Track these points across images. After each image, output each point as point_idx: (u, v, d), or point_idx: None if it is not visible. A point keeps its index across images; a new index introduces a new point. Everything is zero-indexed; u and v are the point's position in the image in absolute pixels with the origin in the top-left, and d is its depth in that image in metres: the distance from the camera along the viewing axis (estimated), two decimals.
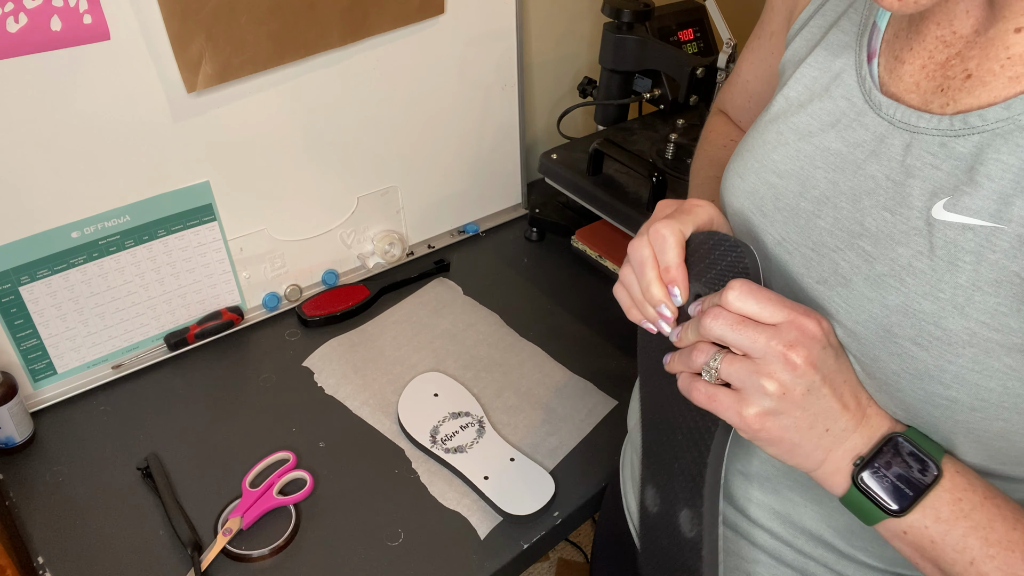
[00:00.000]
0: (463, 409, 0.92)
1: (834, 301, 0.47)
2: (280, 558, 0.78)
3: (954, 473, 0.44)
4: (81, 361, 0.94)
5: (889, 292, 0.44)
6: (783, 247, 0.51)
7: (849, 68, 0.51)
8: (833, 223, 0.48)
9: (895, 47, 0.49)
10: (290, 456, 0.86)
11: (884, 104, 0.48)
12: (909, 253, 0.44)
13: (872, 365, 0.46)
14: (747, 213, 0.54)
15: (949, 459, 0.45)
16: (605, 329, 1.08)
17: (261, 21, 0.86)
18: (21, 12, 0.72)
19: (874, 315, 0.45)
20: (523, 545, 0.80)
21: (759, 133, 0.55)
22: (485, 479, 0.83)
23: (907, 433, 0.46)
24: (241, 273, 1.03)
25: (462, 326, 1.07)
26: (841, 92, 0.51)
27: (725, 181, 0.57)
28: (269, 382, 0.97)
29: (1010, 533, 0.43)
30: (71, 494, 0.83)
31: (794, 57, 0.56)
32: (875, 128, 0.48)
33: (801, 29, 0.57)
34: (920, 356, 0.43)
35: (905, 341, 0.44)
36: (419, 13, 1.00)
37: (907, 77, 0.48)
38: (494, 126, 1.20)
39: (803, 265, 0.50)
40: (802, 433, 0.45)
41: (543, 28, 1.28)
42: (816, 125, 0.51)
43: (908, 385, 0.44)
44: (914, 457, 0.45)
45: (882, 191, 0.46)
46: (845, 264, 0.47)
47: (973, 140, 0.43)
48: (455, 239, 1.24)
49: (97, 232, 0.88)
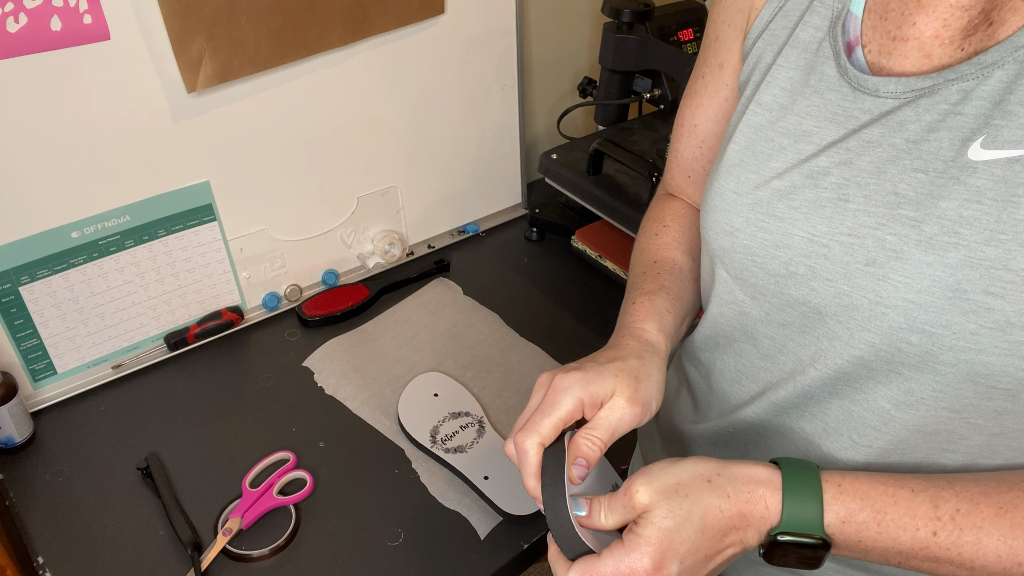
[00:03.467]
0: (463, 409, 0.92)
1: (890, 279, 0.44)
2: (280, 558, 0.78)
3: (841, 526, 0.45)
4: (81, 361, 0.94)
5: (947, 250, 0.42)
6: (817, 242, 0.48)
7: (827, 60, 0.50)
8: (864, 202, 0.46)
9: (887, 29, 0.48)
10: (290, 456, 0.86)
11: (884, 84, 0.47)
12: (956, 204, 0.42)
13: (945, 333, 0.43)
14: (759, 223, 0.51)
15: (831, 508, 0.45)
16: (605, 329, 1.08)
17: (261, 21, 0.86)
18: (21, 12, 0.72)
19: (937, 279, 0.42)
20: (523, 545, 0.80)
21: (744, 147, 0.53)
22: (485, 479, 0.83)
23: (784, 521, 0.45)
24: (241, 273, 1.03)
25: (462, 326, 1.07)
26: (826, 85, 0.50)
27: (715, 201, 0.54)
28: (269, 382, 0.97)
29: (915, 534, 0.44)
30: (71, 494, 0.83)
31: (760, 63, 0.54)
32: (876, 108, 0.47)
33: (762, 34, 0.55)
34: (997, 306, 0.41)
35: (978, 294, 0.41)
36: (419, 13, 1.00)
37: (913, 53, 0.47)
38: (494, 126, 1.20)
39: (846, 253, 0.47)
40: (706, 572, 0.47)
41: (543, 28, 1.28)
42: (810, 123, 0.50)
43: (989, 342, 0.42)
44: (799, 545, 0.45)
45: (905, 155, 0.45)
46: (891, 237, 0.44)
47: (995, 76, 0.42)
48: (455, 239, 1.24)
49: (97, 232, 0.88)
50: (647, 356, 0.54)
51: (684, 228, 0.68)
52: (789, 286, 0.50)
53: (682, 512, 0.45)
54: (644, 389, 0.52)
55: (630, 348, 0.55)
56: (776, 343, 0.54)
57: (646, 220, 0.71)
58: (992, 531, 0.43)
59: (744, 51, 0.57)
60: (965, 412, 0.46)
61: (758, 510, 0.46)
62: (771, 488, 0.46)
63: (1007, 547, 0.43)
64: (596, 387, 0.51)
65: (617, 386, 0.51)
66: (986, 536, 0.43)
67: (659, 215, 0.70)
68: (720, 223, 0.53)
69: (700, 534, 0.45)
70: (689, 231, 0.68)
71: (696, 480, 0.47)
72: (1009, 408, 0.44)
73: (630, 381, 0.51)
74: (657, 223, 0.69)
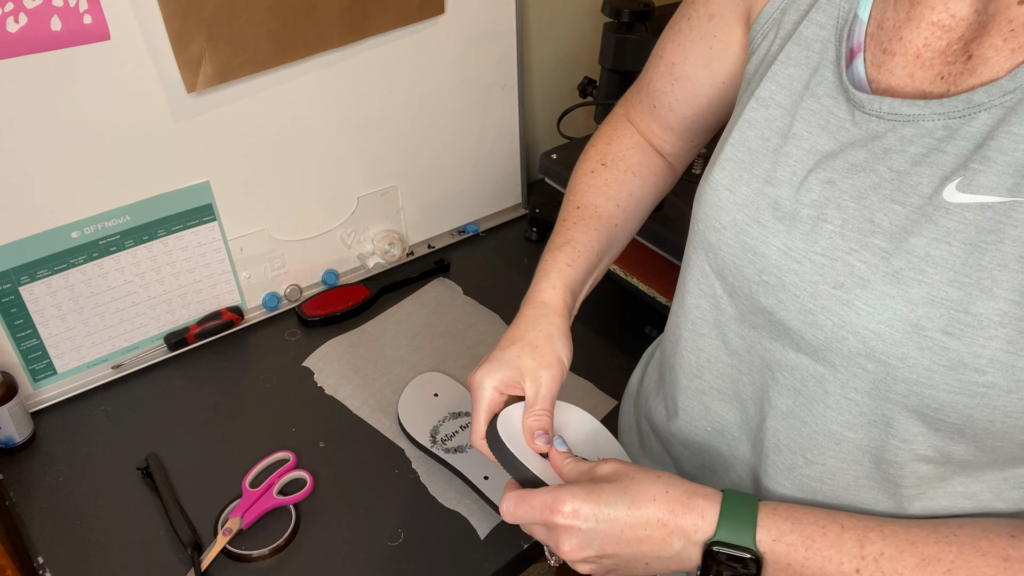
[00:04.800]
0: (463, 409, 0.92)
1: (854, 304, 0.45)
2: (280, 558, 0.78)
3: (772, 544, 0.48)
4: (81, 361, 0.94)
5: (911, 286, 0.43)
6: (791, 256, 0.49)
7: (828, 64, 0.49)
8: (841, 225, 0.46)
9: (880, 39, 0.48)
10: (290, 456, 0.86)
11: (871, 102, 0.46)
12: (925, 242, 0.43)
13: (901, 365, 0.44)
14: (743, 225, 0.52)
15: (764, 528, 0.48)
16: (605, 329, 1.08)
17: (261, 21, 0.86)
18: (21, 12, 0.72)
19: (899, 312, 0.43)
20: (523, 545, 0.80)
21: (739, 142, 0.53)
22: (485, 479, 0.83)
23: (719, 531, 0.48)
24: (241, 273, 1.03)
25: (462, 326, 1.07)
26: (824, 91, 0.49)
27: (708, 195, 0.54)
28: (269, 382, 0.97)
29: (839, 567, 0.46)
30: (71, 494, 0.83)
31: (767, 55, 0.54)
32: (867, 126, 0.47)
33: (768, 26, 0.54)
34: (952, 346, 0.42)
35: (935, 332, 0.42)
36: (419, 13, 1.00)
37: (899, 69, 0.46)
38: (494, 126, 1.20)
39: (816, 272, 0.47)
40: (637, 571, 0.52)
41: (543, 28, 1.28)
42: (803, 128, 0.49)
43: (942, 379, 0.42)
44: (732, 559, 0.48)
45: (887, 184, 0.45)
46: (861, 264, 0.45)
47: (980, 118, 0.42)
48: (455, 239, 1.24)
49: (97, 232, 0.88)
50: (541, 321, 0.61)
51: (620, 173, 0.70)
52: (760, 293, 0.51)
53: (621, 488, 0.50)
54: (548, 353, 0.59)
55: (526, 320, 0.62)
56: (745, 343, 0.54)
57: (594, 142, 0.74)
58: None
59: (750, 41, 0.57)
60: (914, 443, 0.46)
61: (693, 516, 0.49)
62: (710, 501, 0.50)
63: None
64: (503, 373, 0.59)
65: (522, 364, 0.59)
66: None
67: (604, 147, 0.73)
68: (710, 217, 0.54)
69: (628, 507, 0.49)
70: (623, 176, 0.70)
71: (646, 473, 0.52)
72: (953, 444, 0.45)
73: (532, 353, 0.59)
74: (598, 157, 0.72)
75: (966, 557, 0.44)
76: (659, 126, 0.71)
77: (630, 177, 0.70)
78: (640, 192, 0.71)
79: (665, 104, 0.69)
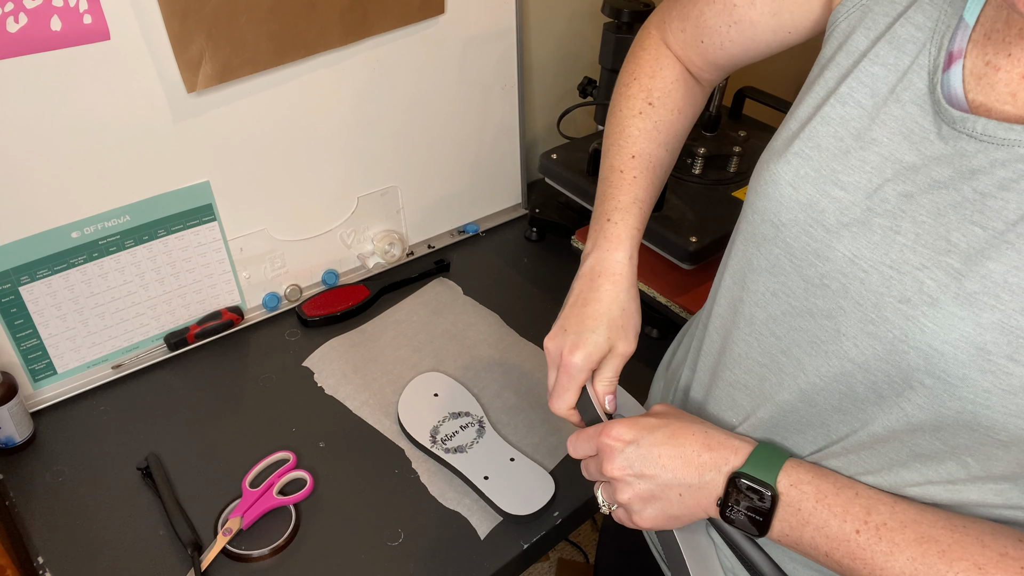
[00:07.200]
0: (463, 409, 0.92)
1: (919, 321, 0.44)
2: (280, 558, 0.78)
3: (788, 488, 0.51)
4: (81, 361, 0.94)
5: (984, 310, 0.42)
6: (858, 264, 0.47)
7: (920, 70, 0.47)
8: (914, 239, 0.45)
9: (987, 50, 0.45)
10: (290, 456, 0.86)
11: (964, 121, 0.44)
12: (1004, 269, 0.41)
13: (960, 385, 0.43)
14: (805, 226, 0.50)
15: (786, 473, 0.51)
16: None
17: (261, 21, 0.86)
18: (21, 12, 0.72)
19: (966, 334, 0.42)
20: (523, 545, 0.80)
21: (810, 139, 0.51)
22: (485, 479, 0.83)
23: (745, 466, 0.52)
24: (241, 273, 1.03)
25: (462, 326, 1.07)
26: (910, 97, 0.47)
27: (766, 187, 0.52)
28: (269, 382, 0.97)
29: (841, 525, 0.49)
30: (71, 494, 0.83)
31: (849, 45, 0.51)
32: (956, 143, 0.45)
33: (855, 11, 0.51)
34: (1017, 372, 0.41)
35: (1000, 358, 0.41)
36: (419, 13, 1.00)
37: (1001, 86, 0.44)
38: (494, 126, 1.20)
39: (882, 284, 0.46)
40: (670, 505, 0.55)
41: (543, 28, 1.28)
42: (883, 134, 0.47)
43: (999, 401, 0.42)
44: (751, 490, 0.51)
45: (970, 204, 0.43)
46: (931, 283, 0.44)
47: None
48: (455, 239, 1.24)
49: (97, 232, 0.88)
50: (621, 296, 0.62)
51: (667, 113, 0.67)
52: (818, 296, 0.50)
53: (664, 422, 0.56)
54: (630, 331, 0.62)
55: (606, 297, 0.62)
56: (782, 343, 0.53)
57: (635, 72, 0.68)
58: (905, 551, 0.46)
59: (830, 24, 0.54)
60: (958, 449, 0.46)
61: (726, 451, 0.54)
62: (745, 443, 0.54)
63: (912, 570, 0.46)
64: (597, 356, 0.61)
65: (611, 342, 0.61)
66: (899, 553, 0.46)
67: (648, 82, 0.67)
68: (768, 211, 0.52)
69: (669, 437, 0.55)
70: (671, 116, 0.67)
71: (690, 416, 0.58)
72: (999, 455, 0.45)
73: (618, 333, 0.62)
74: (643, 95, 0.67)
75: (964, 544, 0.45)
76: (702, 59, 0.66)
77: (676, 116, 0.67)
78: (684, 131, 0.69)
79: (716, 43, 0.64)
